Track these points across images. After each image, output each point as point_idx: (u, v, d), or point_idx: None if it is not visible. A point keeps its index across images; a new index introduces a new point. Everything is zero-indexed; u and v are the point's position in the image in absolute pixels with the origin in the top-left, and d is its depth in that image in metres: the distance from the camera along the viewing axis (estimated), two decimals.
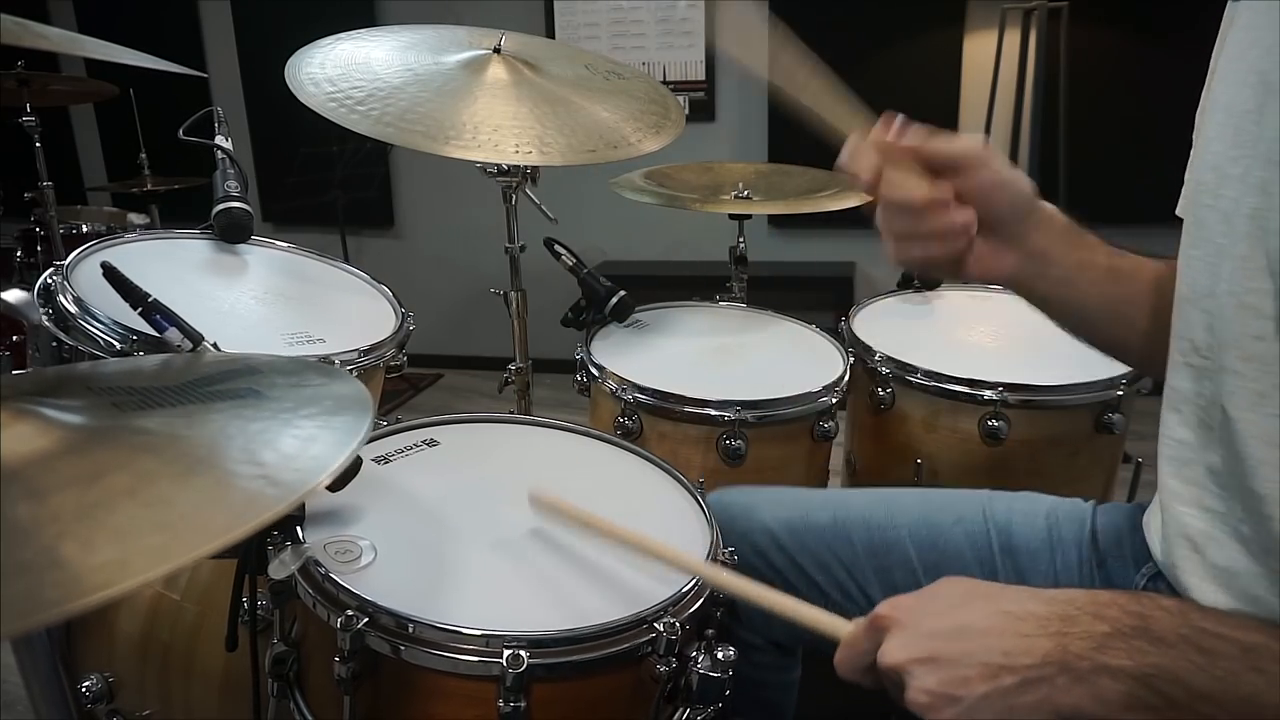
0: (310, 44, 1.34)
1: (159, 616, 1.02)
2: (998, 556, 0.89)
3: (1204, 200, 0.68)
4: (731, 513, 0.97)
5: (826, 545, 0.93)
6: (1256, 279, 0.62)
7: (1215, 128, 0.68)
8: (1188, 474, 0.70)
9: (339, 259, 1.45)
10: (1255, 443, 0.62)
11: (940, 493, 0.99)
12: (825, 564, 0.93)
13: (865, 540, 0.93)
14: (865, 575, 0.92)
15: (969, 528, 0.91)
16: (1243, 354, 0.63)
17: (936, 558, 0.90)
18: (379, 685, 0.72)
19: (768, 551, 0.94)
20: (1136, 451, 1.42)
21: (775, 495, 1.02)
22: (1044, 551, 0.88)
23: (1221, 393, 0.65)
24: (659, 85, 1.55)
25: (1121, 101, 3.22)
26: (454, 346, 3.86)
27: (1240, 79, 0.66)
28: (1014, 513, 0.92)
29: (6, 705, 1.74)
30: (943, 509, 0.94)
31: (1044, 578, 0.87)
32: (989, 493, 0.96)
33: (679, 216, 2.22)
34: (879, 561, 0.92)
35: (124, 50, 1.51)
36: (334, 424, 0.62)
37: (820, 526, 0.95)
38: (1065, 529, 0.89)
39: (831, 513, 0.96)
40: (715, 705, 0.76)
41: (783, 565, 0.94)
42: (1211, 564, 0.68)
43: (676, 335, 1.54)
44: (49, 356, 1.04)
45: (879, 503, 0.97)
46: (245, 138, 3.99)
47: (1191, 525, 0.70)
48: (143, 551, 0.44)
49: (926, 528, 0.92)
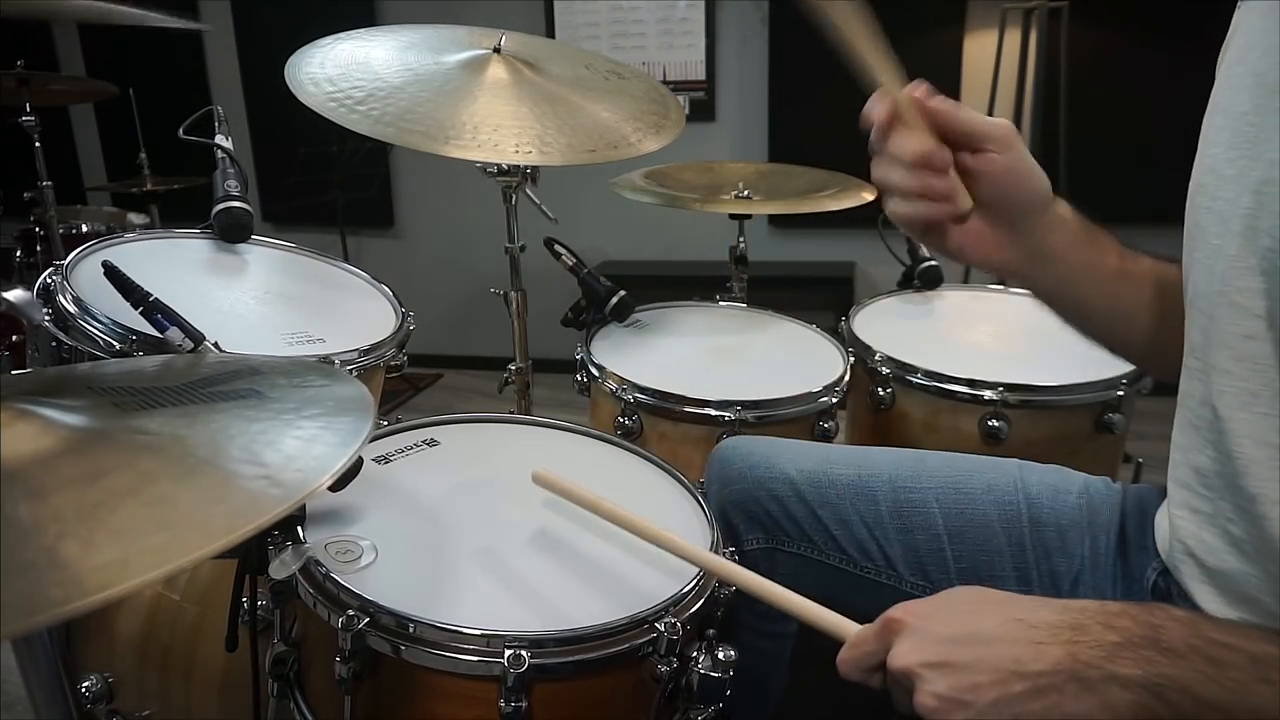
0: (310, 44, 1.34)
1: (159, 617, 1.02)
2: (1026, 530, 0.87)
3: (1202, 203, 0.68)
4: (752, 460, 0.95)
5: (849, 501, 0.92)
6: (1247, 278, 0.62)
7: (1214, 130, 0.68)
8: (1177, 475, 0.70)
9: (339, 259, 1.45)
10: (1247, 442, 0.63)
11: (970, 458, 0.97)
12: (846, 519, 0.92)
13: (890, 499, 0.91)
14: (887, 535, 0.90)
15: (999, 496, 0.90)
16: (1234, 353, 0.63)
17: (963, 524, 0.89)
18: (379, 685, 0.72)
19: (787, 501, 0.93)
20: (1137, 451, 1.42)
21: (799, 447, 1.01)
22: (1074, 531, 0.87)
23: (1212, 393, 0.65)
24: (659, 85, 1.55)
25: (1121, 101, 3.22)
26: (454, 346, 3.86)
27: (1238, 81, 0.66)
28: (1045, 487, 0.90)
29: (6, 705, 1.74)
30: (973, 475, 0.92)
31: (1073, 560, 0.86)
32: (1020, 462, 0.94)
33: (679, 216, 2.22)
34: (902, 522, 0.90)
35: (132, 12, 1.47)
36: (336, 425, 0.62)
37: (844, 481, 0.93)
38: (1098, 511, 0.88)
39: (856, 469, 0.94)
40: (716, 705, 0.76)
41: (802, 516, 0.93)
42: (1204, 566, 0.68)
43: (676, 335, 1.54)
44: (49, 356, 1.04)
45: (906, 462, 0.95)
46: (245, 138, 3.99)
47: (1183, 528, 0.70)
48: (144, 551, 0.44)
49: (955, 491, 0.91)
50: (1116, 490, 0.90)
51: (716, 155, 3.41)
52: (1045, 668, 0.58)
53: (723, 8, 3.57)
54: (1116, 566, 0.84)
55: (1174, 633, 0.57)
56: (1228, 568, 0.66)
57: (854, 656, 0.66)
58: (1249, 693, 0.54)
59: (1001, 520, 0.88)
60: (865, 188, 1.70)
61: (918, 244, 1.68)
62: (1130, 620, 0.59)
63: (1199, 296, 0.68)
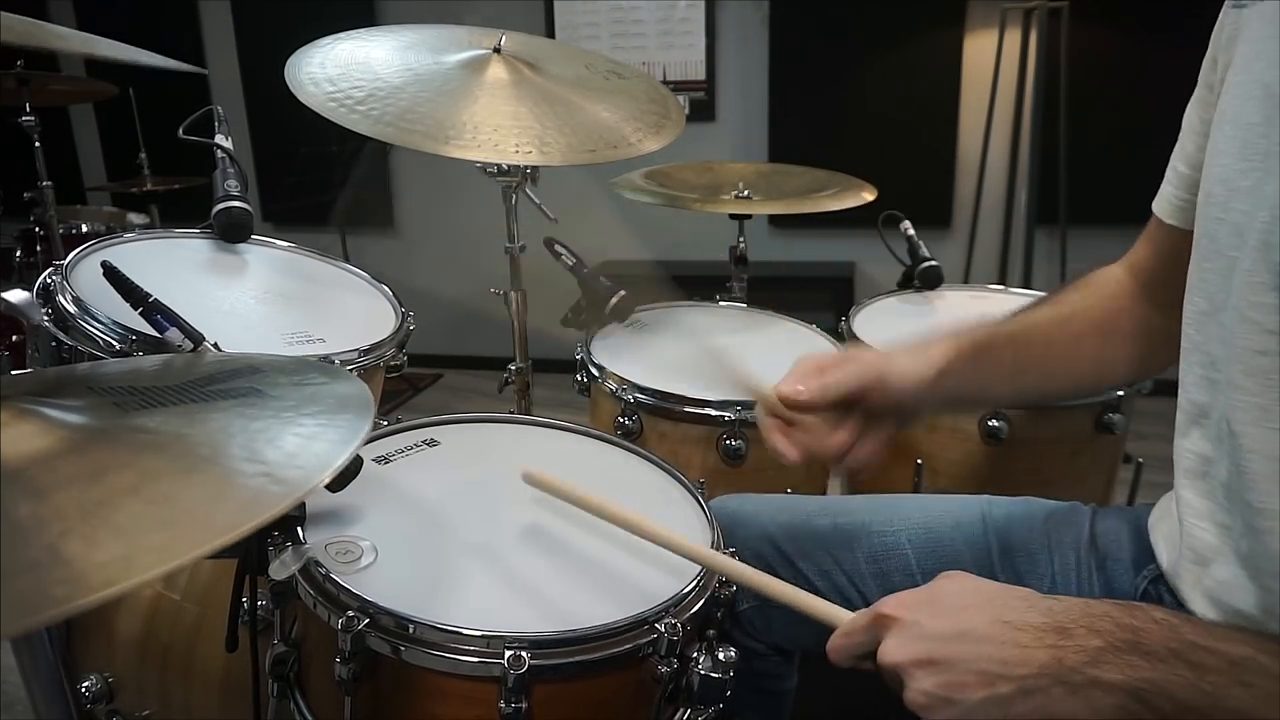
0: (310, 44, 1.34)
1: (159, 616, 1.02)
2: (996, 561, 0.89)
3: (1213, 213, 0.68)
4: (733, 520, 0.97)
5: (827, 550, 0.94)
6: (1260, 293, 0.62)
7: (1223, 140, 0.68)
8: (1203, 487, 0.70)
9: (339, 259, 1.45)
10: (1256, 457, 0.63)
11: (939, 499, 0.99)
12: (825, 569, 0.93)
13: (865, 545, 0.93)
14: (865, 580, 0.92)
15: (967, 533, 0.92)
16: (1246, 368, 0.63)
17: (935, 563, 0.90)
18: (379, 686, 0.72)
19: (769, 557, 0.95)
20: (1137, 451, 1.42)
21: (776, 502, 1.03)
22: (1042, 554, 0.88)
23: (1226, 406, 0.66)
24: (659, 85, 1.55)
25: (1121, 101, 3.22)
26: (454, 346, 3.86)
27: (1246, 91, 0.66)
28: (1013, 518, 0.92)
29: (6, 705, 1.74)
30: (942, 514, 0.94)
31: (1042, 580, 0.87)
32: (988, 498, 0.96)
33: (679, 216, 2.22)
34: (878, 566, 0.92)
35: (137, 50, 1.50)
36: (336, 422, 0.62)
37: (821, 532, 0.95)
38: (1064, 532, 0.89)
39: (832, 519, 0.96)
40: (716, 706, 0.76)
41: (783, 570, 0.94)
42: (1213, 578, 0.69)
43: (676, 335, 1.53)
44: (49, 356, 1.04)
45: (879, 509, 0.97)
46: (245, 138, 3.99)
47: (1202, 539, 0.70)
48: (148, 548, 0.44)
49: (925, 533, 0.92)
50: (1085, 511, 0.92)
51: (716, 155, 3.41)
52: (1030, 671, 0.59)
53: (723, 8, 3.57)
54: (1094, 578, 0.86)
55: (1154, 635, 0.59)
56: (1234, 581, 0.66)
57: (844, 645, 0.68)
58: (1227, 695, 0.56)
59: (971, 554, 0.90)
60: (865, 188, 1.70)
61: (918, 244, 1.68)
62: (1112, 624, 0.60)
63: (1214, 307, 0.68)
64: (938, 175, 3.51)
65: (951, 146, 3.47)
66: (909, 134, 3.43)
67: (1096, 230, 2.55)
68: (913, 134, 3.44)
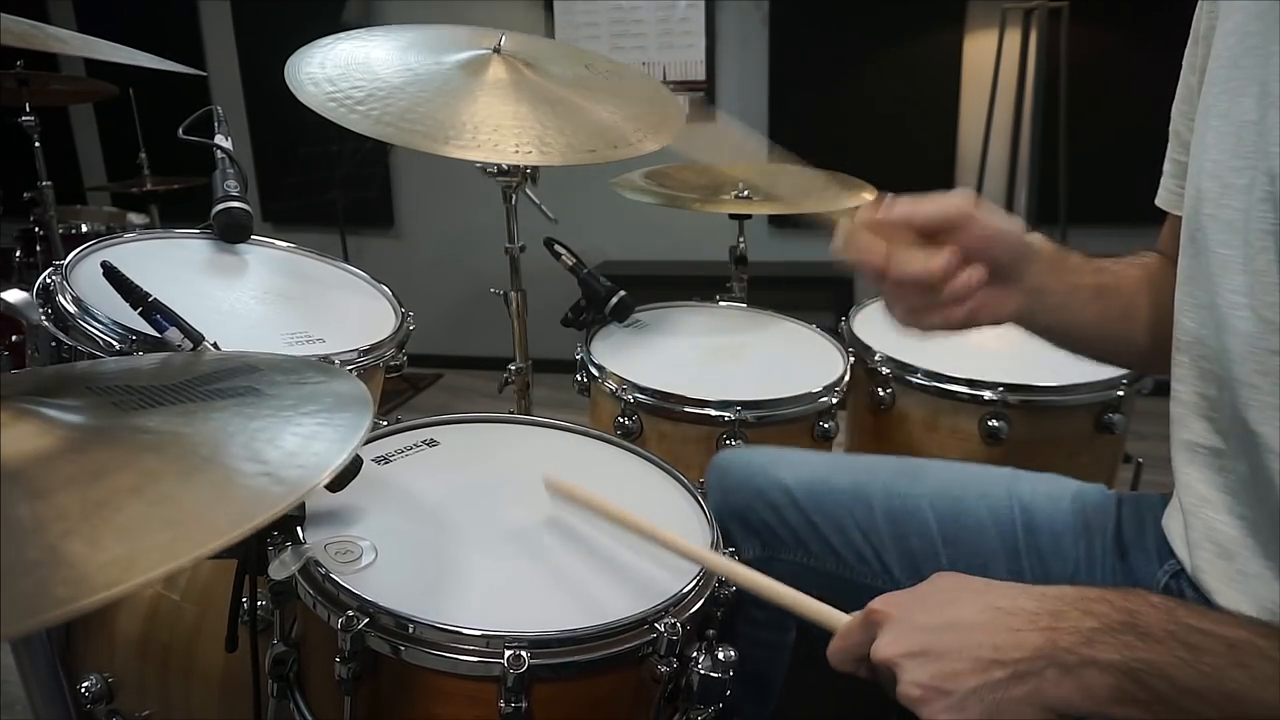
0: (310, 44, 1.34)
1: (159, 617, 1.02)
2: (1020, 535, 0.88)
3: (1205, 209, 0.68)
4: (750, 469, 0.96)
5: (845, 508, 0.93)
6: (1272, 294, 0.62)
7: (1214, 135, 0.68)
8: (1220, 480, 0.70)
9: (339, 259, 1.45)
10: (1271, 456, 0.63)
11: (965, 466, 0.98)
12: (842, 526, 0.92)
13: (885, 506, 0.92)
14: (882, 541, 0.91)
15: (993, 503, 0.90)
16: (1259, 368, 0.64)
17: (957, 530, 0.89)
18: (379, 686, 0.72)
19: (783, 509, 0.94)
20: (1136, 451, 1.42)
21: (795, 455, 1.01)
22: (1068, 535, 0.87)
23: (1239, 404, 0.66)
24: (659, 85, 1.55)
25: (1121, 101, 3.22)
26: (454, 346, 3.86)
27: (1237, 87, 0.65)
28: (1038, 495, 0.91)
29: (6, 705, 1.74)
30: (967, 482, 0.93)
31: (1067, 563, 0.86)
32: (1013, 470, 0.95)
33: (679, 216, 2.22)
34: (897, 529, 0.91)
35: (135, 53, 1.50)
36: (335, 421, 0.62)
37: (840, 489, 0.94)
38: (1092, 516, 0.88)
39: (852, 476, 0.95)
40: (716, 705, 0.76)
41: (797, 523, 0.93)
42: (1240, 570, 0.68)
43: (676, 335, 1.54)
44: (48, 356, 1.04)
45: (902, 470, 0.96)
46: (245, 138, 3.99)
47: (1223, 531, 0.70)
48: (150, 549, 0.44)
49: (949, 499, 0.91)
50: (1111, 496, 0.91)
51: None
52: (1024, 655, 0.58)
53: (723, 8, 3.57)
54: (1116, 569, 0.85)
55: (1151, 618, 0.58)
56: (1265, 574, 0.66)
57: (842, 648, 0.67)
58: (1224, 677, 0.55)
59: (995, 525, 0.89)
60: (865, 188, 1.70)
61: None
62: (1108, 606, 0.59)
63: (1202, 302, 0.68)
64: (937, 175, 3.50)
65: (951, 146, 3.47)
66: (909, 134, 3.43)
67: (1096, 230, 2.55)
68: (913, 134, 3.44)
